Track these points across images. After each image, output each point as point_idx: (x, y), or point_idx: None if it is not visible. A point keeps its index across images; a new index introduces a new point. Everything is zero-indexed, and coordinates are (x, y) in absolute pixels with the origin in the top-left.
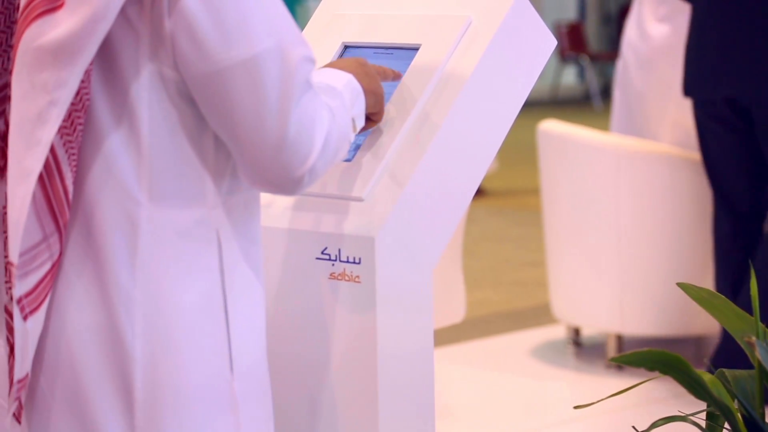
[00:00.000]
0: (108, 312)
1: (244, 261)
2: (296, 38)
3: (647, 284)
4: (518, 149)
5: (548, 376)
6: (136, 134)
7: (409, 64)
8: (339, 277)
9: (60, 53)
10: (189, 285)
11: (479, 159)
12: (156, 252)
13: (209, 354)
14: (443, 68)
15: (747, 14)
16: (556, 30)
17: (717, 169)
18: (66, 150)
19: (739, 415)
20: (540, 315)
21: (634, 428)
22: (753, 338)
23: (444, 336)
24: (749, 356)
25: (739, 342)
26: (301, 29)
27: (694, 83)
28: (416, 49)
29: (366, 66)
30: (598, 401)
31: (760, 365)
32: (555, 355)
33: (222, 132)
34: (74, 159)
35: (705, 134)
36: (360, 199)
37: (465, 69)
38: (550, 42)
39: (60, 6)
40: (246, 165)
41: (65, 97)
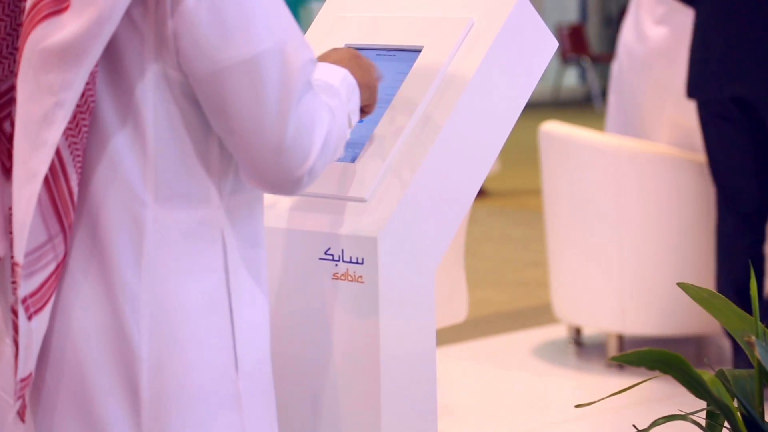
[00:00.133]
0: (114, 311)
1: (248, 260)
2: (298, 40)
3: (648, 284)
4: (520, 150)
5: (550, 375)
6: (141, 135)
7: (412, 66)
8: (342, 278)
9: (65, 55)
10: (194, 284)
11: (481, 160)
12: (161, 252)
13: (214, 353)
14: (445, 70)
15: (755, 13)
16: (558, 32)
17: (722, 168)
18: (71, 151)
19: (739, 414)
20: (541, 315)
21: (635, 427)
22: (753, 338)
23: (446, 335)
24: (749, 356)
25: (739, 342)
26: (305, 31)
27: (700, 84)
28: (419, 51)
29: (359, 58)
30: (599, 400)
31: (760, 365)
32: (556, 355)
33: (222, 132)
34: (79, 160)
35: (710, 134)
36: (363, 200)
37: (467, 71)
38: (552, 44)
39: (65, 8)
40: (246, 165)
41: (71, 99)
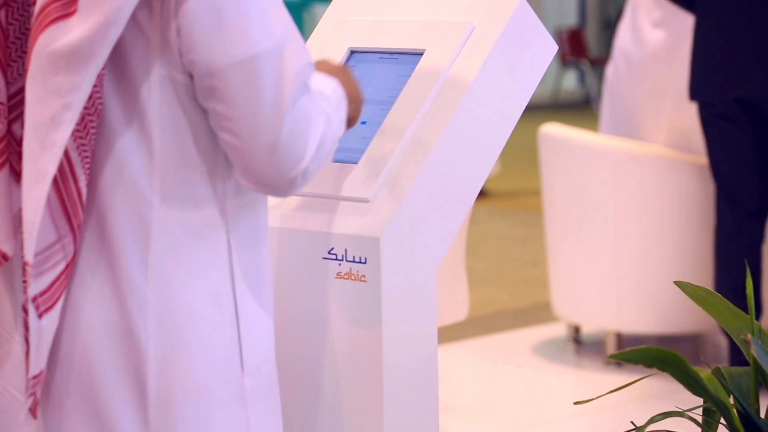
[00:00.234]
0: (121, 310)
1: (253, 260)
2: (296, 42)
3: (645, 283)
4: (520, 152)
5: (549, 373)
6: (147, 137)
7: (414, 69)
8: (345, 277)
9: (73, 58)
10: (199, 284)
11: (482, 161)
12: (167, 252)
13: (220, 351)
14: (447, 73)
15: (757, 14)
16: (557, 35)
17: (724, 169)
18: (79, 153)
19: (735, 411)
20: (541, 313)
21: (633, 423)
22: (749, 336)
23: (448, 333)
24: (745, 353)
25: (735, 340)
26: (308, 34)
27: (703, 85)
28: (421, 54)
29: (347, 72)
30: (598, 397)
31: (756, 362)
32: (556, 352)
33: (219, 130)
34: (87, 162)
35: (712, 134)
36: (366, 201)
37: (468, 73)
38: (551, 47)
39: (73, 12)
40: (241, 165)
41: (78, 101)
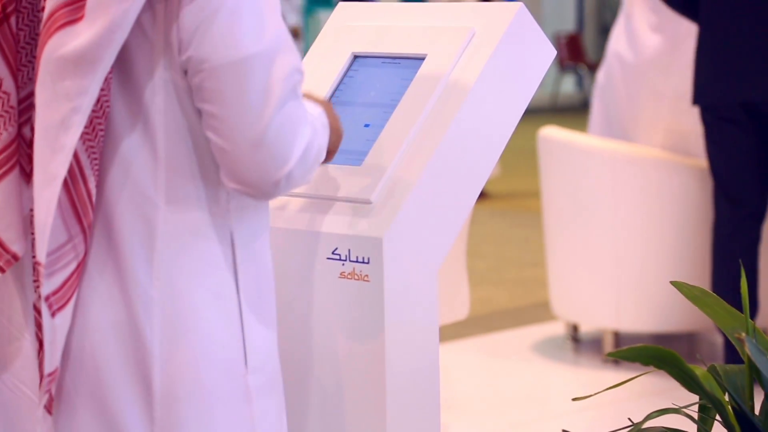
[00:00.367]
0: (128, 310)
1: (256, 259)
2: (287, 47)
3: (642, 283)
4: (519, 154)
5: (548, 370)
6: (152, 139)
7: (416, 73)
8: (349, 276)
9: (81, 62)
10: (204, 283)
11: (482, 163)
12: (172, 252)
13: (224, 349)
14: (448, 77)
15: (761, 20)
16: (556, 40)
17: (724, 169)
18: (88, 155)
19: (730, 408)
20: (540, 312)
21: (630, 420)
22: (743, 334)
23: (449, 332)
24: (739, 352)
25: (730, 338)
26: (313, 40)
27: (707, 90)
28: (422, 59)
29: (330, 107)
30: (596, 394)
31: (750, 360)
32: (554, 351)
33: (207, 130)
34: (96, 163)
35: (714, 136)
36: (368, 202)
37: (469, 78)
38: (550, 52)
39: (80, 18)
40: (225, 165)
41: (86, 104)
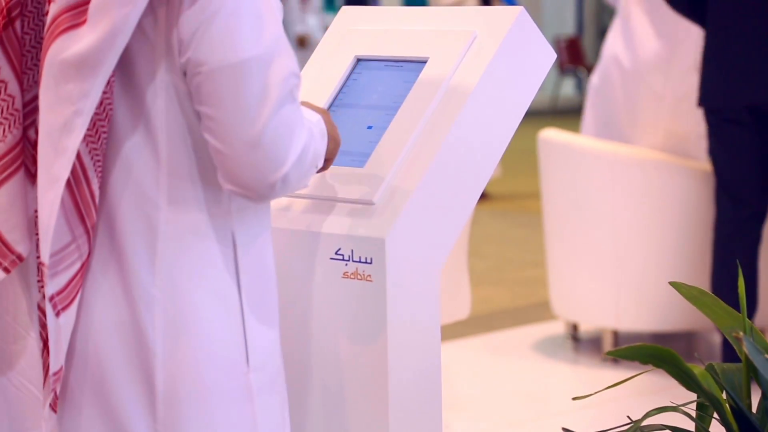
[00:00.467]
0: (131, 310)
1: (258, 260)
2: (284, 51)
3: (641, 283)
4: (520, 156)
5: (548, 369)
6: (153, 141)
7: (418, 76)
8: (351, 276)
9: (83, 66)
10: (205, 283)
11: (483, 165)
12: (174, 253)
13: (225, 348)
14: (449, 80)
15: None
16: (556, 44)
17: (728, 170)
18: (92, 157)
19: (728, 406)
20: (540, 312)
21: (629, 417)
22: (740, 334)
23: (450, 331)
24: (737, 350)
25: (727, 337)
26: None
27: (714, 93)
28: (424, 62)
29: (328, 115)
30: (595, 392)
31: (747, 359)
32: (554, 350)
33: (207, 133)
34: (99, 165)
35: (718, 137)
36: (371, 203)
37: (470, 81)
38: (550, 55)
39: (83, 22)
40: (222, 167)
41: (89, 107)
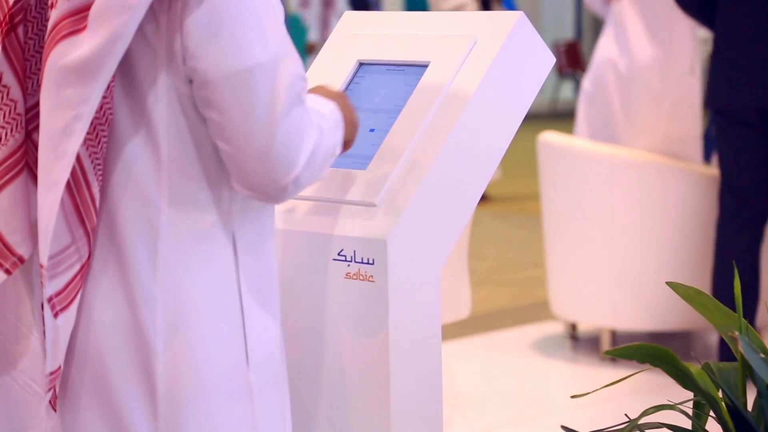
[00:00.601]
0: (131, 309)
1: (258, 260)
2: (290, 55)
3: (639, 283)
4: (520, 158)
5: (547, 368)
6: (154, 144)
7: (419, 80)
8: (354, 277)
9: (83, 71)
10: (206, 284)
11: (484, 167)
12: (175, 253)
13: (226, 347)
14: (450, 84)
15: None
16: (555, 48)
17: (735, 170)
18: (92, 160)
19: (724, 404)
20: (540, 312)
21: (627, 416)
22: (736, 333)
23: (451, 331)
24: (732, 350)
25: (724, 336)
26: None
27: (723, 95)
28: (425, 66)
29: (344, 98)
30: (593, 391)
31: (743, 358)
32: (553, 349)
33: (215, 138)
34: (99, 169)
35: (727, 138)
36: (373, 205)
37: (471, 84)
38: (549, 59)
39: (83, 28)
40: (235, 171)
41: (88, 112)
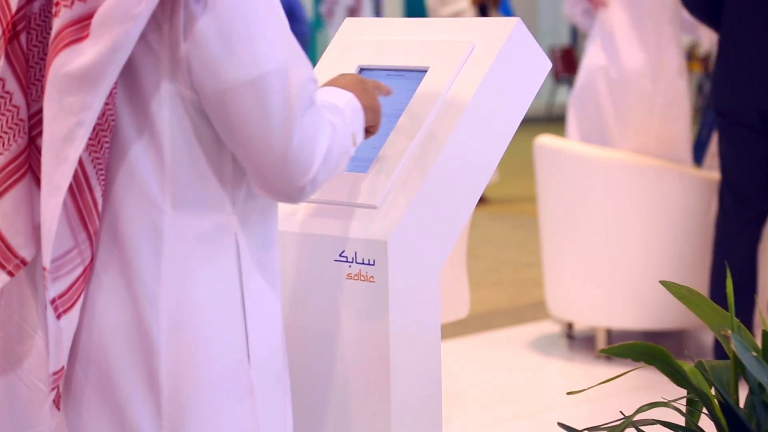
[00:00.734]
0: (135, 310)
1: (261, 262)
2: (299, 60)
3: (633, 283)
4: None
5: (544, 366)
6: (158, 148)
7: (419, 85)
8: (355, 278)
9: (85, 79)
10: (209, 285)
11: (482, 170)
12: (178, 255)
13: (227, 347)
14: (449, 88)
15: None
16: (551, 53)
17: (737, 170)
18: (94, 166)
19: (716, 402)
20: (537, 311)
21: (621, 413)
22: (729, 332)
23: (450, 330)
24: (725, 348)
25: (716, 335)
26: (321, 54)
27: (728, 98)
28: (425, 72)
29: (365, 83)
30: (589, 388)
31: (735, 356)
32: (550, 347)
33: (232, 146)
34: (102, 174)
35: (729, 140)
36: (374, 207)
37: (469, 89)
38: (546, 64)
39: (85, 37)
40: (254, 176)
41: (90, 118)
